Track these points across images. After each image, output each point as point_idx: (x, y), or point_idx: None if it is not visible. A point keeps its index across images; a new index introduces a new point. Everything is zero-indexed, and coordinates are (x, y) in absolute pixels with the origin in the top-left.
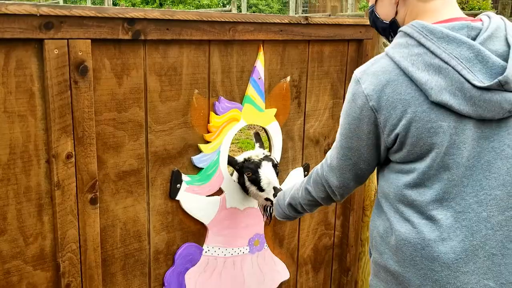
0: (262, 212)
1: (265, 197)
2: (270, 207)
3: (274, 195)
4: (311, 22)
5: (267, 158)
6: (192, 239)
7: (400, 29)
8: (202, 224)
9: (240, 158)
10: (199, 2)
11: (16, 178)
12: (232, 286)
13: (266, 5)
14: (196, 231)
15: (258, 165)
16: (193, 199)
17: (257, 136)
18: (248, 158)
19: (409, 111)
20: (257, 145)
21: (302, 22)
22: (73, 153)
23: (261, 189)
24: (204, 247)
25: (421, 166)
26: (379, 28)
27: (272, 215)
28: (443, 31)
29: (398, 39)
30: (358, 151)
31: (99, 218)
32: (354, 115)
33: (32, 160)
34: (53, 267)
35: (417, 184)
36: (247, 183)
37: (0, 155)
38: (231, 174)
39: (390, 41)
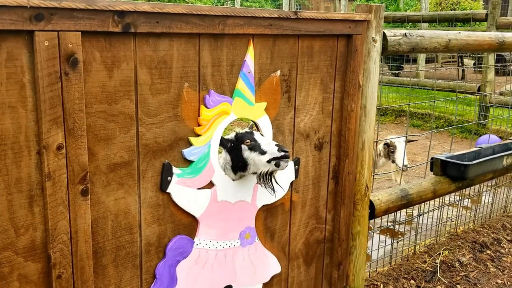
0: (262, 185)
1: (268, 158)
2: (271, 174)
3: (279, 150)
4: (300, 17)
5: (252, 129)
6: (184, 231)
7: None
8: (193, 217)
9: (229, 136)
10: (193, 3)
11: (7, 169)
12: (223, 279)
13: (259, 7)
14: (188, 224)
15: (251, 133)
16: (184, 192)
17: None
18: (238, 131)
19: None
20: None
21: (292, 17)
22: (64, 144)
23: (263, 152)
24: (196, 240)
25: None
26: None
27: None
28: None
29: None
30: None
31: (90, 210)
32: None
33: (23, 151)
34: (44, 258)
35: None
36: (246, 153)
37: None
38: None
39: None
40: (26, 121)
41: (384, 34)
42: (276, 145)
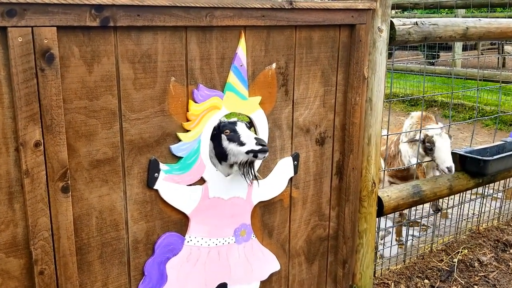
0: (241, 174)
1: (246, 150)
2: (251, 164)
3: (257, 144)
4: (296, 7)
5: (239, 120)
6: (174, 228)
7: None
8: (183, 213)
9: (216, 124)
10: None
11: None
12: (217, 276)
13: None
14: (178, 221)
15: (234, 123)
16: (172, 188)
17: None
18: (222, 120)
19: None
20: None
21: (286, 7)
22: (42, 141)
23: (241, 144)
24: (186, 237)
25: None
26: None
27: (255, 174)
28: None
29: None
30: None
31: (73, 206)
32: None
33: (0, 148)
34: (26, 254)
35: None
36: (225, 143)
37: None
38: None
39: None
40: (3, 118)
41: (392, 23)
42: (255, 138)
